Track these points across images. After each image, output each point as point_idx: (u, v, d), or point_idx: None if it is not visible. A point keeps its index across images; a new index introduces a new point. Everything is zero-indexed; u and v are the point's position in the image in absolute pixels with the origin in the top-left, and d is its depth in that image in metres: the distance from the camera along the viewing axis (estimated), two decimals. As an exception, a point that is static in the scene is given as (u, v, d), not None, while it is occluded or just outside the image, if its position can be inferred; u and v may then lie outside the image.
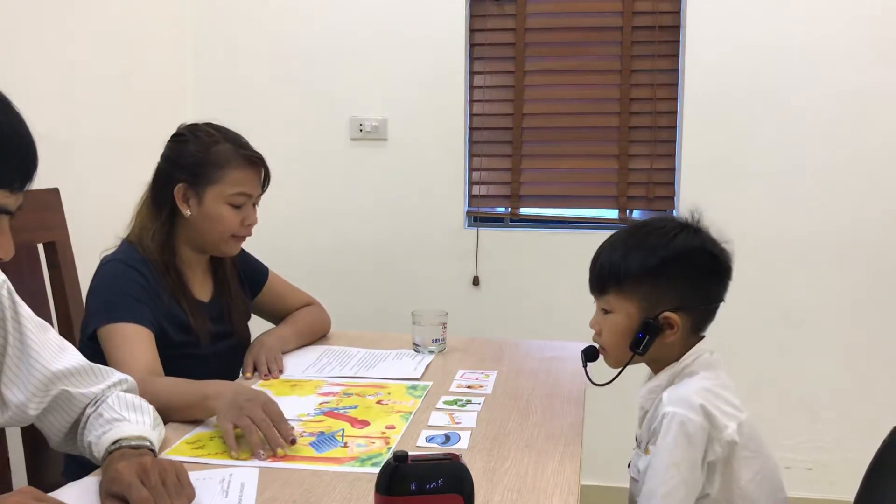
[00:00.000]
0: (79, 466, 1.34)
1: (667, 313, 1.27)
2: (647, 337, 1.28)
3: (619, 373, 1.34)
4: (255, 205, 1.74)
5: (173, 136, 1.74)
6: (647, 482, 1.22)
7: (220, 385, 1.40)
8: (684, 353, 1.30)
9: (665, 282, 1.28)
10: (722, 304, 1.34)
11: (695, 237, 1.30)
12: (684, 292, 1.28)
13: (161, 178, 1.70)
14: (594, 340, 1.38)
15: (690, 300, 1.29)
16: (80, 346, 1.64)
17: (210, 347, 1.69)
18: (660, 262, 1.27)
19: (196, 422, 1.37)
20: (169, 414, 1.37)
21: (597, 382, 1.40)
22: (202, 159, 1.66)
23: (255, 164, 1.71)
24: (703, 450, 1.20)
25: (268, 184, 1.76)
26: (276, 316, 1.95)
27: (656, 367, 1.34)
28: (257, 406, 1.27)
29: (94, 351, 1.53)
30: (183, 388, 1.43)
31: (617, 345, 1.33)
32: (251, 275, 1.90)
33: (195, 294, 1.72)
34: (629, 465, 1.36)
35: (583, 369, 1.42)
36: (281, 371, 1.68)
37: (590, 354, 1.40)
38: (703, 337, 1.34)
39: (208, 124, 1.73)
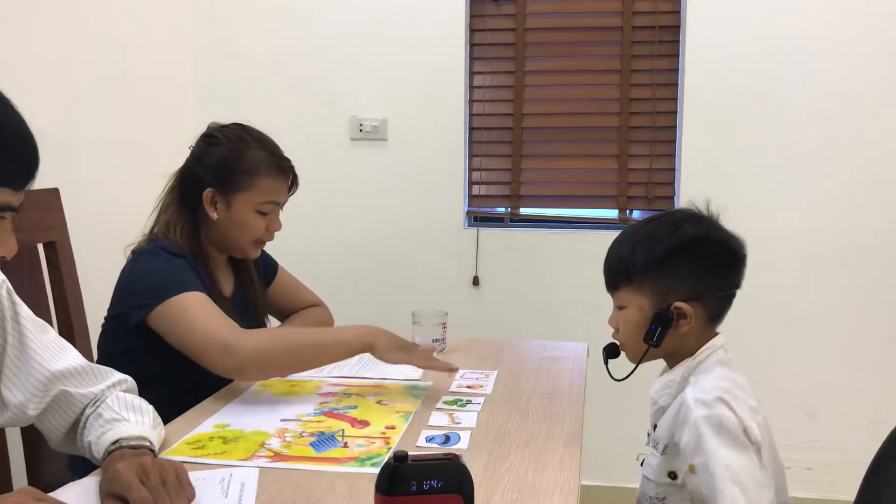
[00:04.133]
0: (83, 465, 1.34)
1: (678, 303, 1.26)
2: (660, 329, 1.27)
3: (636, 367, 1.33)
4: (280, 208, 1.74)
5: (204, 137, 1.72)
6: (717, 496, 1.16)
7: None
8: (697, 347, 1.29)
9: (673, 272, 1.27)
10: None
11: (700, 226, 1.30)
12: (694, 281, 1.28)
13: (190, 179, 1.69)
14: (613, 338, 1.38)
15: (702, 289, 1.28)
16: (110, 338, 1.65)
17: None
18: (665, 253, 1.27)
19: (196, 422, 1.37)
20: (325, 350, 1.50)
21: (616, 377, 1.39)
22: (233, 165, 1.66)
23: (286, 171, 1.70)
24: (743, 437, 1.17)
25: (295, 189, 1.75)
26: (282, 311, 1.95)
27: (673, 362, 1.33)
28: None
29: (130, 342, 1.54)
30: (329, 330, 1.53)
31: (633, 339, 1.32)
32: (263, 269, 1.91)
33: (220, 289, 1.73)
34: (641, 464, 1.35)
35: (604, 366, 1.40)
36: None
37: (610, 352, 1.39)
38: (717, 333, 1.33)
39: (239, 126, 1.72)
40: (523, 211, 2.89)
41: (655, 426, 1.33)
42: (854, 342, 2.70)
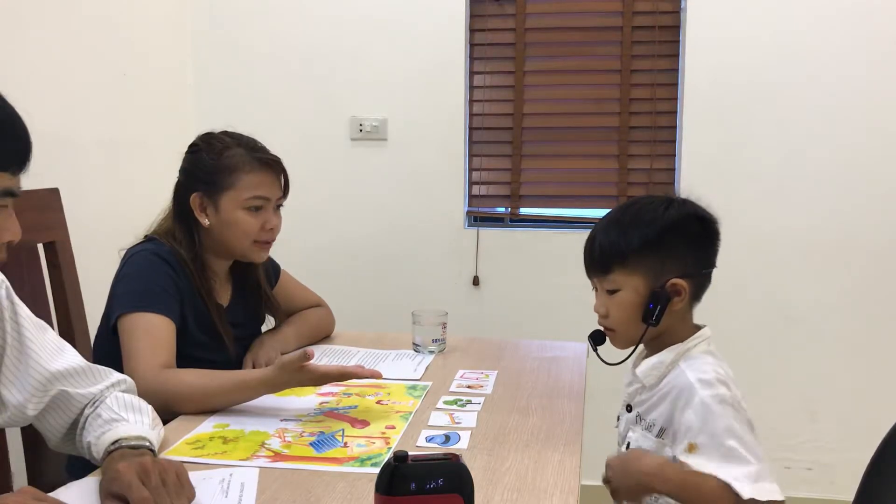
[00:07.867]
0: (81, 468, 1.34)
1: (674, 280, 1.29)
2: (659, 307, 1.29)
3: (634, 350, 1.34)
4: (278, 207, 1.73)
5: (189, 148, 1.73)
6: (727, 467, 1.16)
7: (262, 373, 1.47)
8: (687, 334, 1.31)
9: (666, 251, 1.30)
10: (722, 303, 1.34)
11: (684, 206, 1.34)
12: (685, 259, 1.31)
13: (180, 191, 1.70)
14: (600, 324, 1.38)
15: (692, 266, 1.32)
16: (101, 339, 1.65)
17: (233, 351, 1.70)
18: (658, 232, 1.30)
19: (196, 422, 1.37)
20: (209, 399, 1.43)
21: (609, 362, 1.39)
22: (215, 166, 1.65)
23: (270, 166, 1.69)
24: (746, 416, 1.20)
25: (288, 187, 1.74)
26: (284, 312, 1.94)
27: (656, 345, 1.34)
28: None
29: (116, 343, 1.53)
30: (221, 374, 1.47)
31: (627, 321, 1.32)
32: (265, 273, 1.90)
33: (216, 297, 1.72)
34: (627, 446, 1.34)
35: (594, 354, 1.40)
36: None
37: (597, 339, 1.40)
38: (701, 326, 1.35)
39: (223, 132, 1.72)
40: (523, 211, 2.89)
41: (630, 406, 1.34)
42: (854, 342, 2.70)
